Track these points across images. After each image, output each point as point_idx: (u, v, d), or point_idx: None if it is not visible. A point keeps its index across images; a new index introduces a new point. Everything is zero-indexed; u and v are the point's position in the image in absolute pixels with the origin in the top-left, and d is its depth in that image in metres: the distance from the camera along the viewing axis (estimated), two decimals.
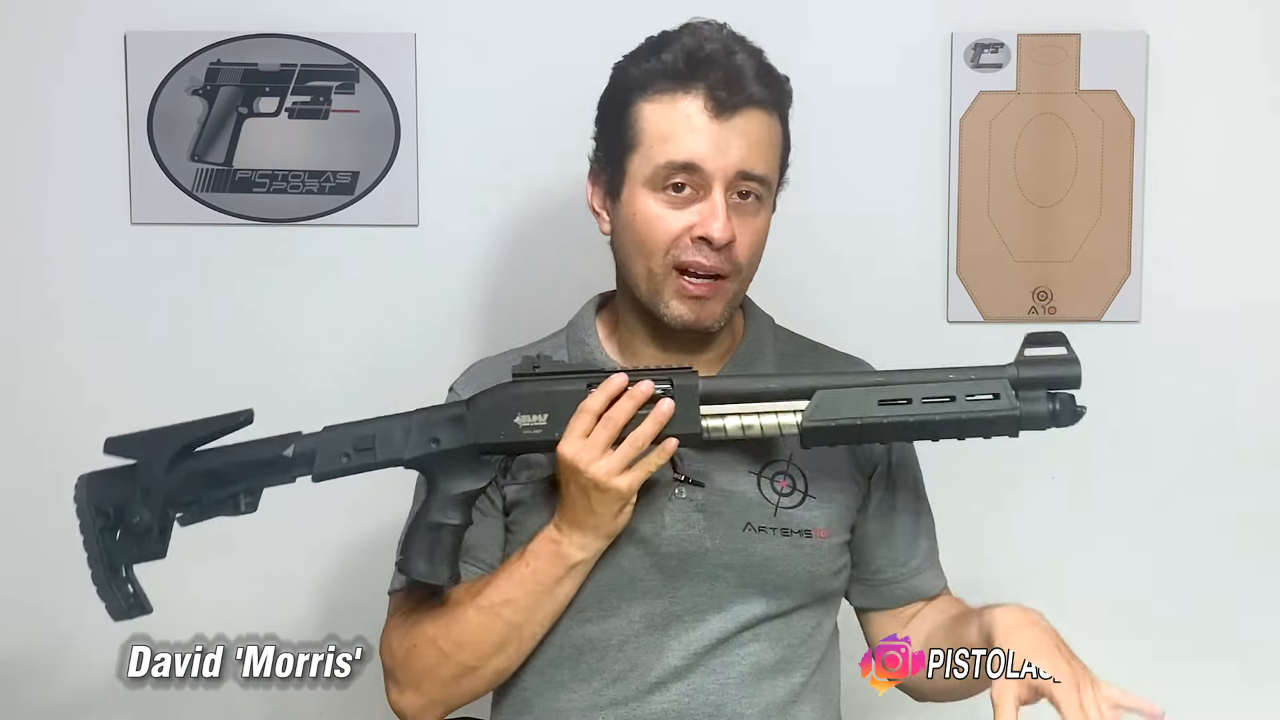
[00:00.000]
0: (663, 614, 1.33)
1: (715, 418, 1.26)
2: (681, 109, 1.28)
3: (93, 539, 1.27)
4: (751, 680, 1.33)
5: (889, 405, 1.24)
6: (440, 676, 1.34)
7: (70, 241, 1.91)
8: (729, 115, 1.28)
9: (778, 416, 1.25)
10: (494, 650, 1.32)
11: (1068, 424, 1.24)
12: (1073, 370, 1.24)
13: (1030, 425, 1.23)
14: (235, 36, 1.88)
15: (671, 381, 1.26)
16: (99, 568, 1.28)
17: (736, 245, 1.30)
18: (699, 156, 1.28)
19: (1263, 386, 1.93)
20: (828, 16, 1.89)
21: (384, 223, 1.90)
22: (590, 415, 1.25)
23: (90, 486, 1.29)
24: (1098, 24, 1.89)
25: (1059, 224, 1.90)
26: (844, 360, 1.46)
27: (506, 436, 1.28)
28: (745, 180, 1.30)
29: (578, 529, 1.28)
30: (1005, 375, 1.24)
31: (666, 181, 1.29)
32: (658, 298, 1.32)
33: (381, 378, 1.91)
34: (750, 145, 1.29)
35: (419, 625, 1.35)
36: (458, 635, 1.32)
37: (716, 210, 1.28)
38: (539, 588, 1.30)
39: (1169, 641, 1.94)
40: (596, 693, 1.33)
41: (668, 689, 1.32)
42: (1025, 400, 1.23)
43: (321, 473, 1.30)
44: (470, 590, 1.34)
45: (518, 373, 1.30)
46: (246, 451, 1.30)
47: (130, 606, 1.30)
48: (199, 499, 1.29)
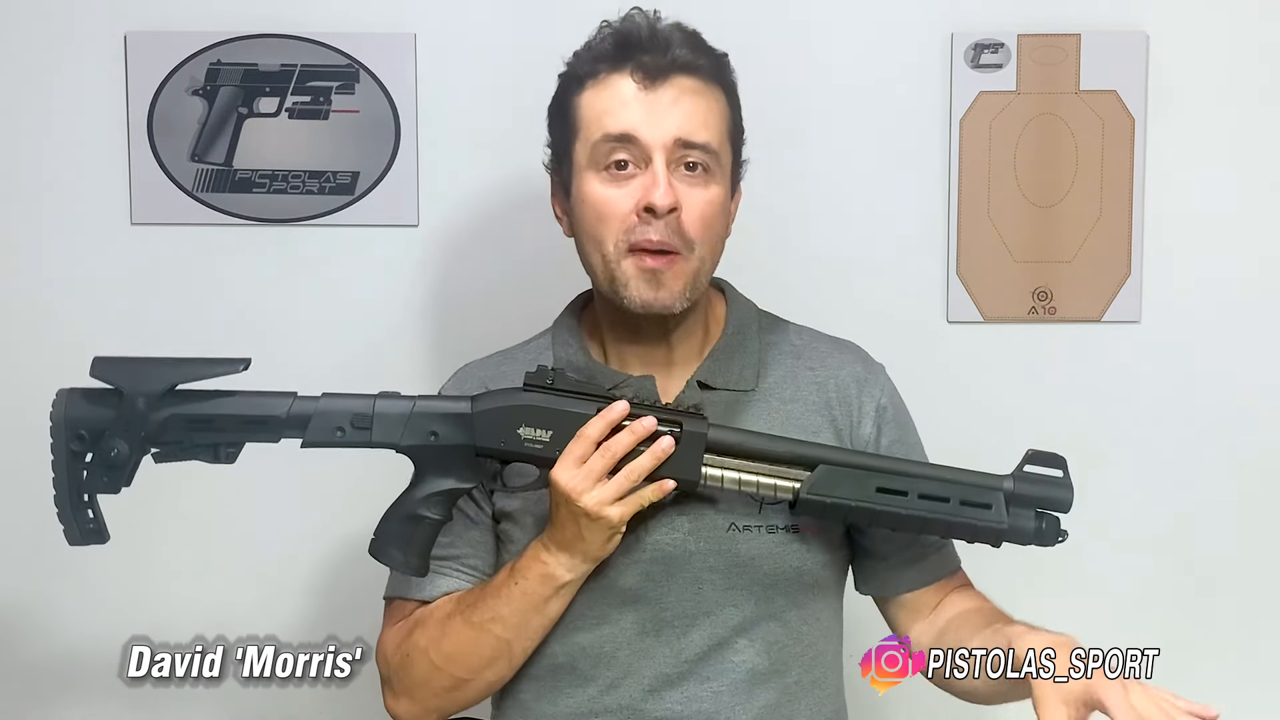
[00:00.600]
0: (653, 620, 1.32)
1: (715, 469, 1.26)
2: (614, 86, 1.30)
3: (63, 461, 1.24)
4: (745, 687, 1.33)
5: (886, 494, 1.26)
6: (434, 687, 1.35)
7: (70, 241, 1.91)
8: (658, 82, 1.29)
9: (776, 481, 1.26)
10: (485, 665, 1.33)
11: (1049, 544, 1.28)
12: (1065, 495, 1.28)
13: (1013, 540, 1.28)
14: (235, 37, 1.88)
15: (681, 425, 1.26)
16: (64, 491, 1.25)
17: (685, 217, 1.29)
18: (632, 126, 1.28)
19: (1263, 387, 1.93)
20: (828, 17, 1.89)
21: (384, 223, 1.90)
22: (588, 442, 1.23)
23: (69, 404, 1.24)
24: (1098, 24, 1.89)
25: (1059, 224, 1.90)
26: (830, 346, 1.44)
27: (507, 445, 1.27)
28: (687, 149, 1.29)
29: (565, 551, 1.27)
30: (1001, 488, 1.27)
31: (608, 159, 1.29)
32: (616, 284, 1.31)
33: (381, 377, 1.88)
34: (686, 113, 1.29)
35: (412, 635, 1.35)
36: (449, 649, 1.32)
37: (657, 178, 1.27)
38: (528, 606, 1.29)
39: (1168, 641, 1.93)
40: (592, 700, 1.33)
41: (662, 698, 1.32)
42: (1014, 515, 1.27)
43: (312, 441, 1.28)
44: (461, 602, 1.33)
45: (530, 382, 1.28)
46: (238, 403, 1.26)
47: (87, 533, 1.26)
48: (180, 440, 1.25)
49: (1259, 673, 1.94)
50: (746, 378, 1.38)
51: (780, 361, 1.41)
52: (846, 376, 1.41)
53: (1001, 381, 1.92)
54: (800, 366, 1.41)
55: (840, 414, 1.39)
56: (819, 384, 1.40)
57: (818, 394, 1.39)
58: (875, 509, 1.26)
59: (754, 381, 1.38)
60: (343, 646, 1.43)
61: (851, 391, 1.40)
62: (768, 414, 1.37)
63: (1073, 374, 1.92)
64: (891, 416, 1.41)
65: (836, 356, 1.43)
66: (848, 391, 1.40)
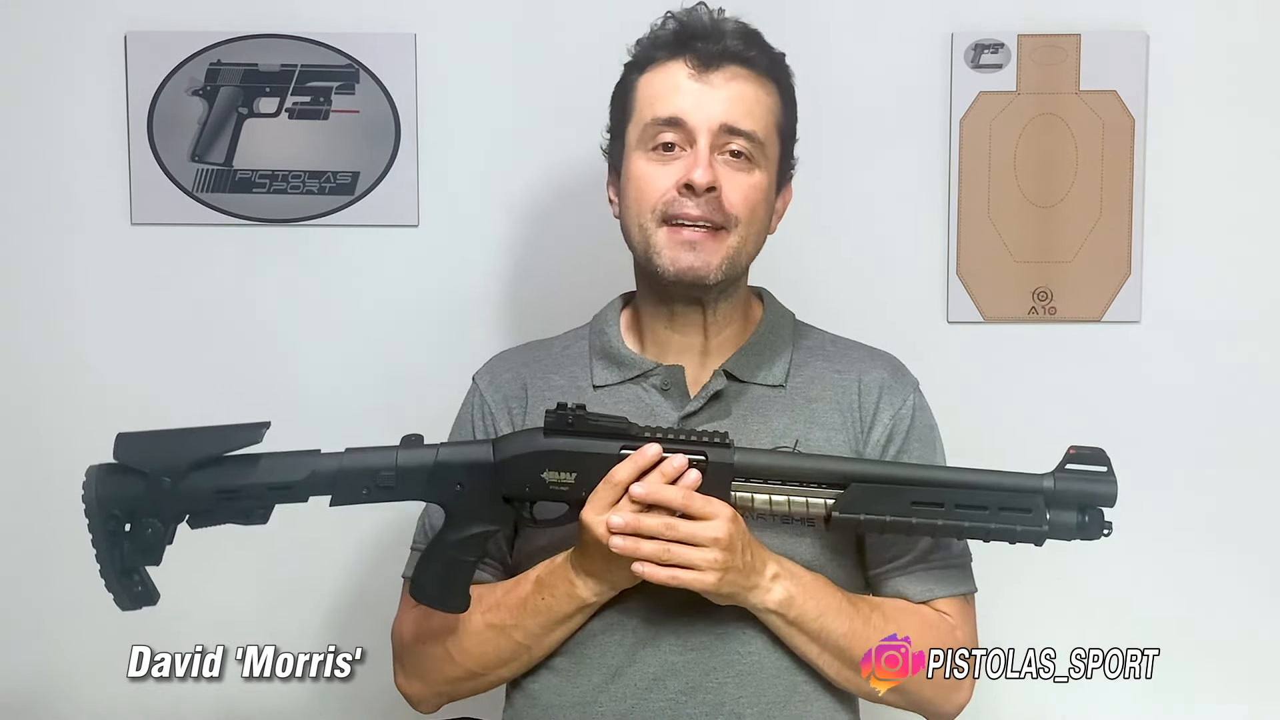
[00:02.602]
0: (660, 608, 1.33)
1: (745, 492, 1.26)
2: (668, 71, 1.35)
3: (102, 539, 1.25)
4: (752, 679, 1.33)
5: (921, 506, 1.26)
6: (446, 675, 1.38)
7: (70, 241, 1.91)
8: (710, 70, 1.33)
9: (807, 500, 1.26)
10: (501, 664, 1.35)
11: (1093, 538, 1.28)
12: (1109, 490, 1.27)
13: (1057, 537, 1.27)
14: (235, 37, 1.88)
15: (706, 455, 1.25)
16: (108, 565, 1.26)
17: (726, 196, 1.32)
18: (681, 110, 1.33)
19: (1263, 387, 1.93)
20: (828, 17, 1.89)
21: (384, 223, 1.90)
22: (618, 487, 1.24)
23: (100, 484, 1.25)
24: (1098, 24, 1.89)
25: (1059, 224, 1.90)
26: (863, 353, 1.45)
27: (532, 490, 1.27)
28: (732, 135, 1.33)
29: (594, 578, 1.29)
30: (1041, 488, 1.27)
31: (655, 141, 1.34)
32: (651, 251, 1.34)
33: (382, 377, 1.91)
34: (733, 100, 1.33)
35: (429, 621, 1.37)
36: (466, 644, 1.35)
37: (699, 158, 1.32)
38: (551, 620, 1.32)
39: (1168, 642, 1.93)
40: (597, 689, 1.34)
41: (665, 686, 1.32)
42: (1056, 514, 1.26)
43: (339, 501, 1.29)
44: (483, 601, 1.35)
45: (550, 424, 1.27)
46: (262, 471, 1.27)
47: (137, 597, 1.28)
48: (210, 510, 1.27)
49: (1259, 673, 1.94)
50: (776, 375, 1.40)
51: (811, 364, 1.43)
52: (871, 381, 1.42)
53: (1001, 381, 1.92)
54: (829, 369, 1.43)
55: (858, 419, 1.40)
56: (843, 386, 1.41)
57: (842, 394, 1.40)
58: (911, 522, 1.26)
59: (783, 379, 1.40)
60: (343, 649, 1.43)
61: (872, 396, 1.41)
62: (793, 410, 1.38)
63: (1073, 374, 1.92)
64: (907, 430, 1.41)
65: (866, 361, 1.44)
66: (869, 395, 1.41)
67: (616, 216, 1.41)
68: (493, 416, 1.42)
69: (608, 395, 1.39)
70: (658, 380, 1.38)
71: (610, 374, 1.40)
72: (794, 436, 1.36)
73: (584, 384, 1.41)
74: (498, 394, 1.43)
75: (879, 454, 1.39)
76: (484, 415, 1.43)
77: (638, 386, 1.39)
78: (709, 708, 1.32)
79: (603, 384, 1.40)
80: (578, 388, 1.41)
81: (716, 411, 1.37)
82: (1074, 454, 1.28)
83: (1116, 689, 1.93)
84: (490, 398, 1.43)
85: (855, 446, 1.39)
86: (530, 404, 1.41)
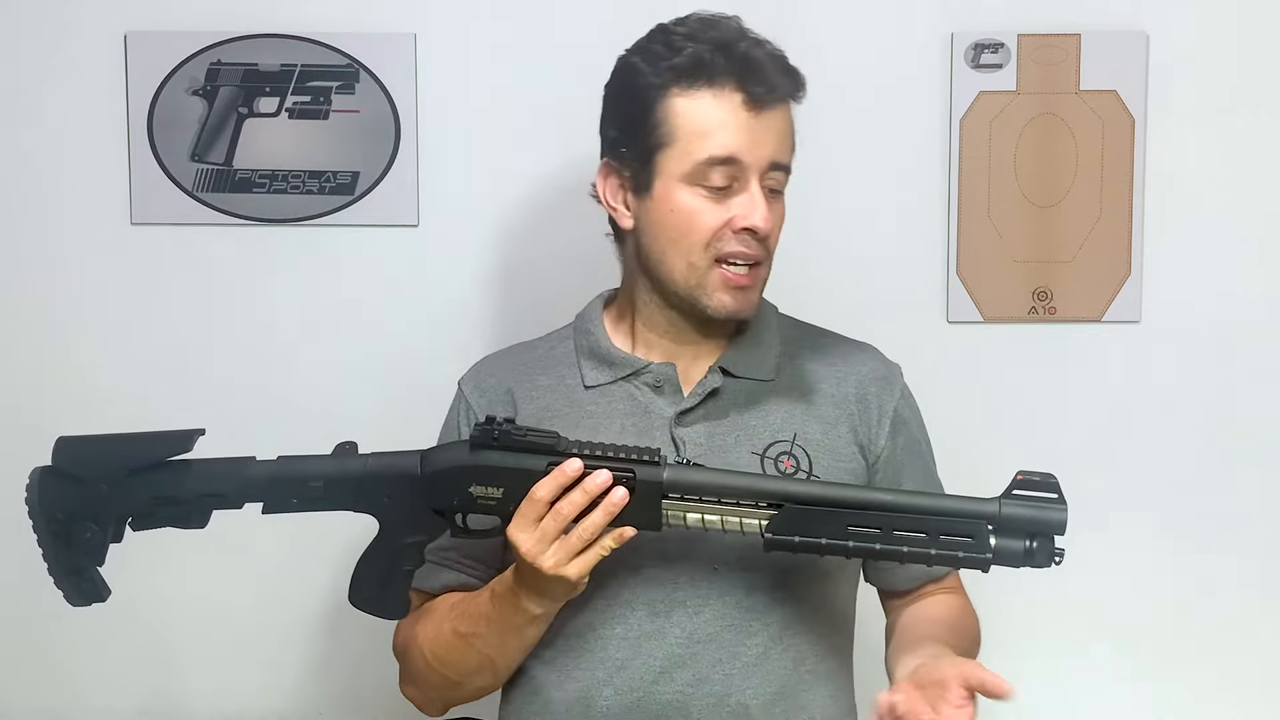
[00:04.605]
0: (665, 600, 1.33)
1: (677, 510, 1.22)
2: (719, 104, 1.30)
3: (45, 539, 1.26)
4: (757, 669, 1.33)
5: (858, 529, 1.20)
6: (430, 681, 1.39)
7: (70, 241, 1.91)
8: (762, 110, 1.31)
9: (740, 519, 1.22)
10: (472, 672, 1.35)
11: (1042, 566, 1.20)
12: (1057, 517, 1.19)
13: (1003, 564, 1.20)
14: (235, 36, 1.88)
15: (634, 473, 1.22)
16: (54, 563, 1.27)
17: (770, 231, 1.34)
18: (738, 150, 1.30)
19: (1263, 387, 1.93)
20: (828, 17, 1.89)
21: (384, 223, 1.90)
22: (541, 504, 1.22)
23: (42, 487, 1.26)
24: (1098, 24, 1.89)
25: (1059, 224, 1.90)
26: (849, 346, 1.46)
27: (460, 503, 1.26)
28: (775, 171, 1.34)
29: (533, 591, 1.27)
30: (985, 514, 1.19)
31: (707, 179, 1.31)
32: (700, 290, 1.33)
33: (381, 377, 1.91)
34: (780, 137, 1.34)
35: (413, 630, 1.38)
36: (440, 653, 1.35)
37: (757, 202, 1.31)
38: (505, 629, 1.31)
39: (1168, 642, 1.94)
40: (601, 682, 1.33)
41: (672, 678, 1.32)
42: (1002, 540, 1.19)
43: (271, 509, 1.28)
44: (455, 609, 1.35)
45: (476, 437, 1.25)
46: (196, 477, 1.27)
47: (86, 594, 1.29)
48: (149, 513, 1.27)
49: (1258, 672, 1.94)
50: (767, 368, 1.40)
51: (800, 355, 1.43)
52: (867, 374, 1.43)
53: (1001, 381, 1.92)
54: (820, 363, 1.43)
55: (858, 412, 1.40)
56: (839, 379, 1.42)
57: (836, 388, 1.41)
58: (848, 545, 1.20)
59: (773, 373, 1.40)
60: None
61: (871, 391, 1.42)
62: (788, 403, 1.39)
63: (1073, 374, 1.92)
64: (906, 418, 1.43)
65: (857, 354, 1.45)
66: (867, 390, 1.41)
67: (625, 227, 1.38)
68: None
69: (600, 395, 1.39)
70: (650, 378, 1.38)
71: (601, 373, 1.40)
72: (792, 430, 1.36)
73: (573, 384, 1.40)
74: (482, 399, 1.42)
75: (888, 444, 1.40)
76: (469, 422, 1.42)
77: (630, 385, 1.39)
78: (715, 699, 1.32)
79: (594, 384, 1.39)
80: (567, 388, 1.40)
81: (713, 408, 1.37)
82: (1021, 479, 1.21)
83: (1117, 688, 1.94)
84: (475, 403, 1.42)
85: (859, 440, 1.39)
86: (519, 407, 1.40)
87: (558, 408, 1.39)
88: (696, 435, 1.35)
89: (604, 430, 1.35)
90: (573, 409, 1.38)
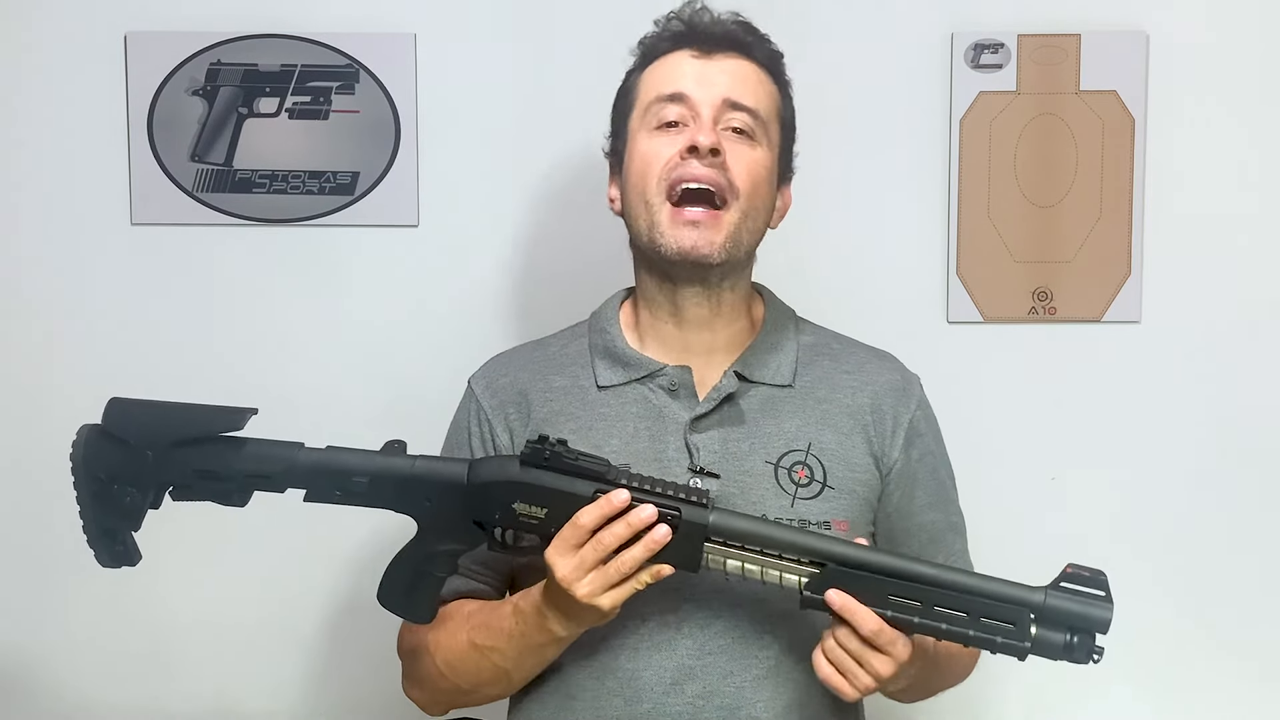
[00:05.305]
0: (675, 611, 1.32)
1: (718, 556, 1.22)
2: (671, 59, 1.36)
3: (86, 497, 1.26)
4: (769, 681, 1.32)
5: (899, 599, 1.19)
6: (439, 687, 1.38)
7: (70, 241, 1.90)
8: (712, 55, 1.35)
9: (781, 573, 1.21)
10: (485, 684, 1.35)
11: (1081, 662, 1.19)
12: (1103, 615, 1.18)
13: (1040, 654, 1.19)
14: (235, 37, 1.88)
15: (679, 512, 1.21)
16: (90, 523, 1.27)
17: (731, 166, 1.32)
18: (684, 86, 1.34)
19: (1263, 386, 1.92)
20: (828, 17, 1.89)
21: (384, 223, 1.90)
22: (583, 531, 1.21)
23: (88, 445, 1.26)
24: (1098, 24, 1.89)
25: (1059, 224, 1.90)
26: (867, 354, 1.45)
27: (501, 518, 1.25)
28: (735, 110, 1.34)
29: (561, 614, 1.26)
30: (1030, 602, 1.18)
31: (659, 119, 1.34)
32: (656, 232, 1.33)
33: (381, 378, 1.91)
34: (735, 77, 1.35)
35: (424, 635, 1.37)
36: (453, 660, 1.35)
37: (704, 124, 1.32)
38: (525, 648, 1.30)
39: (1169, 642, 1.94)
40: (612, 692, 1.33)
41: (682, 690, 1.31)
42: (1043, 631, 1.18)
43: (313, 499, 1.28)
44: (471, 619, 1.34)
45: (527, 455, 1.24)
46: (243, 457, 1.26)
47: (116, 556, 1.29)
48: (190, 486, 1.27)
49: (1258, 672, 1.94)
50: (784, 373, 1.39)
51: (817, 362, 1.42)
52: (884, 385, 1.42)
53: (1001, 381, 1.92)
54: (837, 369, 1.42)
55: (873, 423, 1.39)
56: (854, 388, 1.40)
57: (853, 398, 1.40)
58: (886, 615, 1.18)
59: (790, 378, 1.39)
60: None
61: (887, 403, 1.40)
62: (804, 411, 1.38)
63: (1073, 374, 1.92)
64: (922, 431, 1.42)
65: (875, 364, 1.44)
66: (883, 402, 1.40)
67: (618, 214, 1.40)
68: (490, 424, 1.41)
69: (613, 396, 1.38)
70: (665, 381, 1.37)
71: (615, 374, 1.38)
72: (807, 439, 1.35)
73: (587, 384, 1.39)
74: (494, 400, 1.41)
75: (901, 456, 1.39)
76: (480, 422, 1.41)
77: (644, 387, 1.37)
78: (726, 711, 1.31)
79: (608, 384, 1.38)
80: (580, 388, 1.39)
81: (728, 414, 1.36)
82: (1071, 572, 1.20)
83: (1117, 688, 1.94)
84: (487, 404, 1.42)
85: (873, 451, 1.39)
86: (532, 408, 1.39)
87: (571, 410, 1.38)
88: (710, 442, 1.34)
89: (616, 433, 1.35)
90: (585, 410, 1.37)
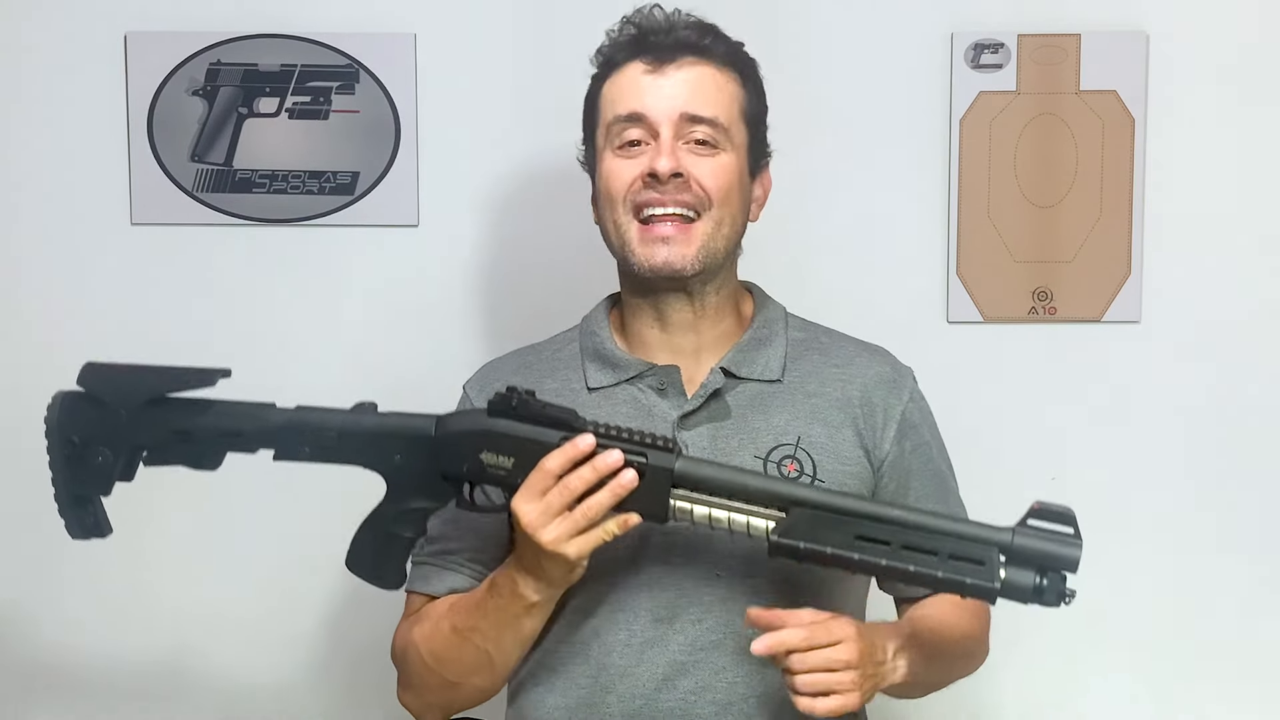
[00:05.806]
0: (668, 607, 1.32)
1: (684, 502, 1.20)
2: (623, 76, 1.36)
3: (58, 462, 1.27)
4: (761, 677, 1.32)
5: (867, 542, 1.17)
6: (429, 684, 1.37)
7: (70, 241, 1.91)
8: (665, 64, 1.34)
9: (749, 519, 1.20)
10: (470, 671, 1.33)
11: (1051, 605, 1.15)
12: (1071, 553, 1.14)
13: (1009, 597, 1.15)
14: (235, 37, 1.88)
15: (646, 457, 1.20)
16: (61, 490, 1.28)
17: (694, 179, 1.32)
18: (641, 105, 1.34)
19: (1263, 386, 1.93)
20: (828, 17, 1.89)
21: (384, 223, 1.90)
22: (548, 475, 1.20)
23: (62, 409, 1.27)
24: (1098, 24, 1.89)
25: (1059, 224, 1.90)
26: (858, 348, 1.45)
27: (470, 471, 1.25)
28: (694, 123, 1.33)
29: (530, 575, 1.26)
30: (997, 541, 1.16)
31: (620, 139, 1.35)
32: (627, 249, 1.34)
33: (381, 377, 1.90)
34: (692, 89, 1.34)
35: (412, 631, 1.37)
36: (438, 652, 1.34)
37: (663, 149, 1.32)
38: (502, 621, 1.29)
39: (1169, 642, 1.94)
40: (605, 689, 1.33)
41: (675, 686, 1.31)
42: (1012, 572, 1.14)
43: (283, 456, 1.29)
44: (454, 608, 1.34)
45: (494, 405, 1.24)
46: (215, 416, 1.28)
47: (87, 528, 1.29)
48: (166, 446, 1.28)
49: (1258, 672, 1.94)
50: (773, 369, 1.39)
51: (807, 357, 1.42)
52: (873, 378, 1.41)
53: (1001, 381, 1.92)
54: (827, 364, 1.42)
55: (863, 416, 1.39)
56: (844, 381, 1.40)
57: (842, 390, 1.39)
58: (854, 557, 1.16)
59: (779, 373, 1.39)
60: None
61: (877, 395, 1.40)
62: (793, 405, 1.37)
63: (1073, 374, 1.92)
64: (915, 423, 1.41)
65: (865, 357, 1.43)
66: (873, 395, 1.40)
67: (597, 223, 1.41)
68: None
69: (603, 397, 1.38)
70: (654, 380, 1.37)
71: (605, 376, 1.39)
72: (796, 433, 1.35)
73: (578, 386, 1.40)
74: None
75: (893, 448, 1.39)
76: None
77: (634, 387, 1.38)
78: (719, 707, 1.31)
79: (598, 386, 1.39)
80: (571, 390, 1.39)
81: (716, 410, 1.36)
82: (1038, 509, 1.17)
83: (1117, 688, 1.94)
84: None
85: (864, 444, 1.38)
86: None
87: None
88: (699, 438, 1.34)
89: None
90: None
